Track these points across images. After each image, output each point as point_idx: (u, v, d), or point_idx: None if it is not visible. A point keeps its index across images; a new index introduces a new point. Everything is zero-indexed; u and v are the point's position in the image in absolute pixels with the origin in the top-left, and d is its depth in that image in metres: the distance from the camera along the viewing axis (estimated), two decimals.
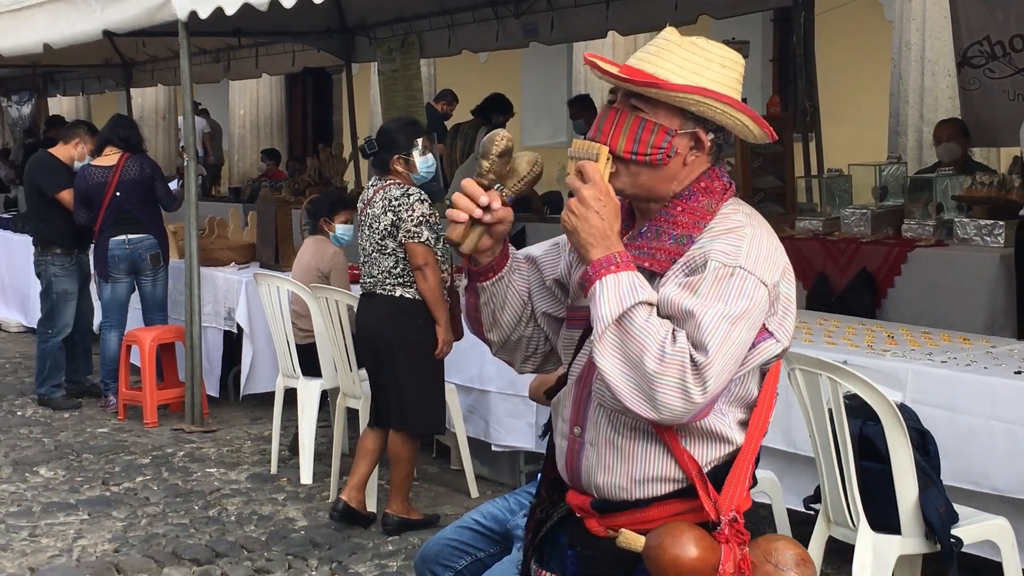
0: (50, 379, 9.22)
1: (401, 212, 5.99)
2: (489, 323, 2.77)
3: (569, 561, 2.71)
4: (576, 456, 2.65)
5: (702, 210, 2.58)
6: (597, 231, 2.46)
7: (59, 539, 6.22)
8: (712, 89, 2.54)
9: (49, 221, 9.21)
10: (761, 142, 2.70)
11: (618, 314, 2.39)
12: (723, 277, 2.44)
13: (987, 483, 4.65)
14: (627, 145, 2.55)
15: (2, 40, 10.15)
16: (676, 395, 2.36)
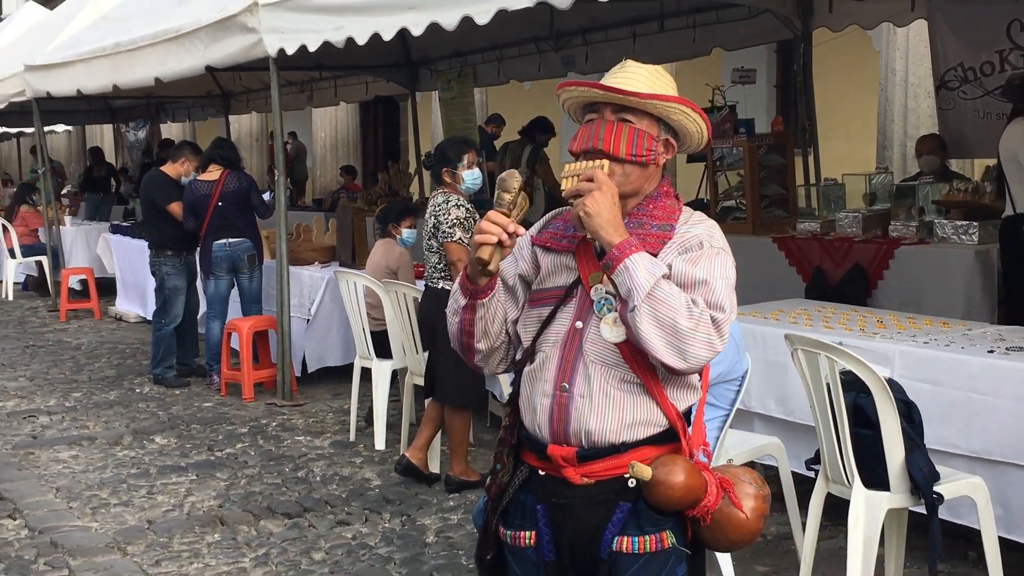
0: (163, 361, 9.29)
1: (440, 215, 6.06)
2: (480, 334, 2.81)
3: (540, 515, 2.74)
4: (564, 409, 2.69)
5: (670, 208, 2.75)
6: (614, 219, 2.59)
7: (172, 496, 6.27)
8: (687, 100, 2.71)
9: (162, 228, 9.26)
10: (700, 148, 2.84)
11: (650, 285, 2.51)
12: (715, 255, 2.64)
13: (965, 447, 4.62)
14: (627, 149, 2.68)
15: (121, 75, 10.24)
16: (703, 346, 2.53)
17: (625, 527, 2.65)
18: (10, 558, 5.36)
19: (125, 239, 12.75)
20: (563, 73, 11.49)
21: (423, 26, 6.29)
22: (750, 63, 11.25)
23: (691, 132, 2.75)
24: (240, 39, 8.08)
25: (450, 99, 12.38)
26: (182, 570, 5.17)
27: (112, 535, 5.64)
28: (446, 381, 6.10)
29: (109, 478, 6.63)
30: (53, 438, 7.60)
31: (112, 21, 11.47)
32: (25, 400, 8.80)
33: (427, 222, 6.16)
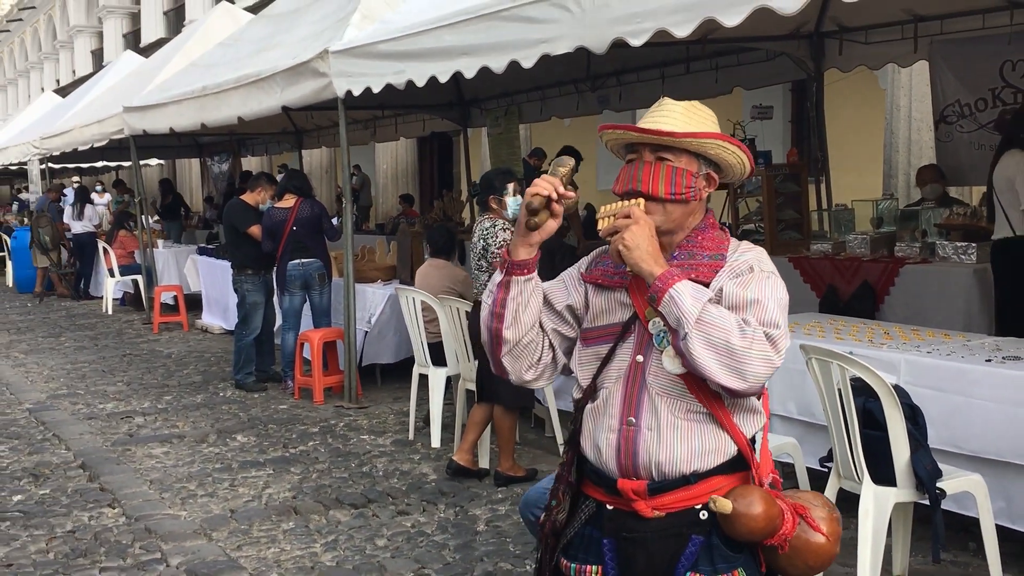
0: (244, 368, 9.35)
1: (489, 239, 6.07)
2: (511, 319, 2.58)
3: (607, 549, 2.52)
4: (632, 443, 2.49)
5: (718, 239, 2.57)
6: (652, 251, 2.42)
7: (251, 488, 6.30)
8: (724, 135, 2.54)
9: (243, 250, 9.34)
10: (743, 179, 2.69)
11: (698, 311, 2.33)
12: (766, 278, 2.45)
13: (966, 447, 4.56)
14: (666, 188, 2.50)
15: (208, 115, 10.36)
16: (761, 363, 2.33)
17: (698, 563, 2.44)
18: (110, 542, 5.41)
19: (210, 260, 12.87)
20: (599, 111, 11.50)
21: (475, 70, 6.31)
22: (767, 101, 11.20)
23: (732, 164, 2.57)
24: (312, 82, 8.15)
25: (497, 135, 12.41)
26: (260, 554, 5.19)
27: (199, 522, 5.67)
28: (499, 385, 6.09)
29: (196, 472, 6.67)
30: (147, 436, 7.66)
31: (200, 67, 11.61)
32: (123, 403, 8.88)
33: (476, 245, 6.17)
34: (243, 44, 10.85)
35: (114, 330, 13.46)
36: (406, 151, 20.58)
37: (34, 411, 8.61)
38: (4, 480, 6.59)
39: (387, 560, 5.06)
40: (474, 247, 6.21)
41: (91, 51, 41.13)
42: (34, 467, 6.88)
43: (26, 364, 10.97)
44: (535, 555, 2.79)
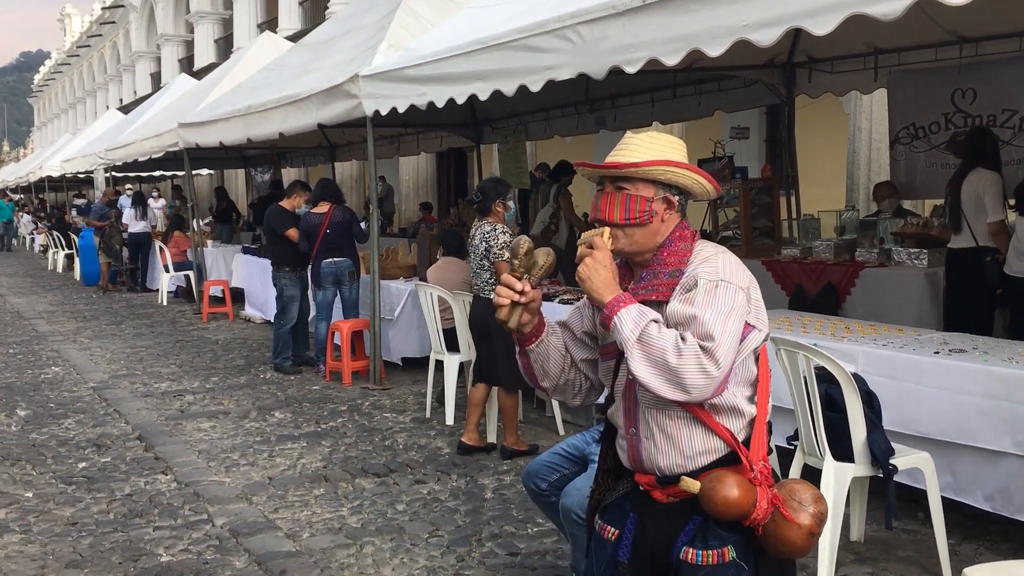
0: (281, 353, 9.35)
1: (490, 240, 6.06)
2: (541, 374, 2.62)
3: (629, 521, 2.55)
4: (636, 450, 2.51)
5: (682, 251, 2.49)
6: (604, 281, 2.38)
7: (287, 459, 6.31)
8: (670, 159, 2.48)
9: (281, 250, 9.34)
10: (711, 196, 2.58)
11: (638, 333, 2.29)
12: (711, 289, 2.35)
13: (915, 428, 4.56)
14: (621, 215, 2.47)
15: (253, 130, 10.36)
16: (698, 375, 2.25)
17: (693, 539, 2.43)
18: (163, 505, 5.43)
19: (253, 258, 12.87)
20: (596, 130, 11.49)
21: (488, 92, 6.31)
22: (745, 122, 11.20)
23: (689, 186, 2.51)
24: (344, 103, 8.15)
25: (507, 150, 12.40)
26: (295, 516, 5.20)
27: (241, 488, 5.69)
28: (499, 369, 6.10)
29: (239, 444, 6.68)
30: (196, 412, 7.67)
31: (246, 89, 11.62)
32: (175, 383, 8.89)
33: (478, 247, 6.15)
34: (284, 69, 10.85)
35: (168, 319, 13.48)
36: (426, 164, 20.57)
37: (98, 389, 8.63)
38: (71, 449, 6.61)
39: (405, 523, 5.07)
40: (476, 248, 6.18)
41: (150, 74, 41.20)
42: (97, 438, 6.90)
43: (91, 348, 10.99)
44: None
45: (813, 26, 3.94)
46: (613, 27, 5.03)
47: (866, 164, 10.56)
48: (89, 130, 27.67)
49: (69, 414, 7.66)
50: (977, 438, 4.35)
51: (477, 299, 6.29)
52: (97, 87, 52.33)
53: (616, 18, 4.99)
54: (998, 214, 6.38)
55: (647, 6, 4.77)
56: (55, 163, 26.09)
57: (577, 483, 3.83)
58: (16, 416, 7.62)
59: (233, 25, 30.08)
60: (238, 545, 4.80)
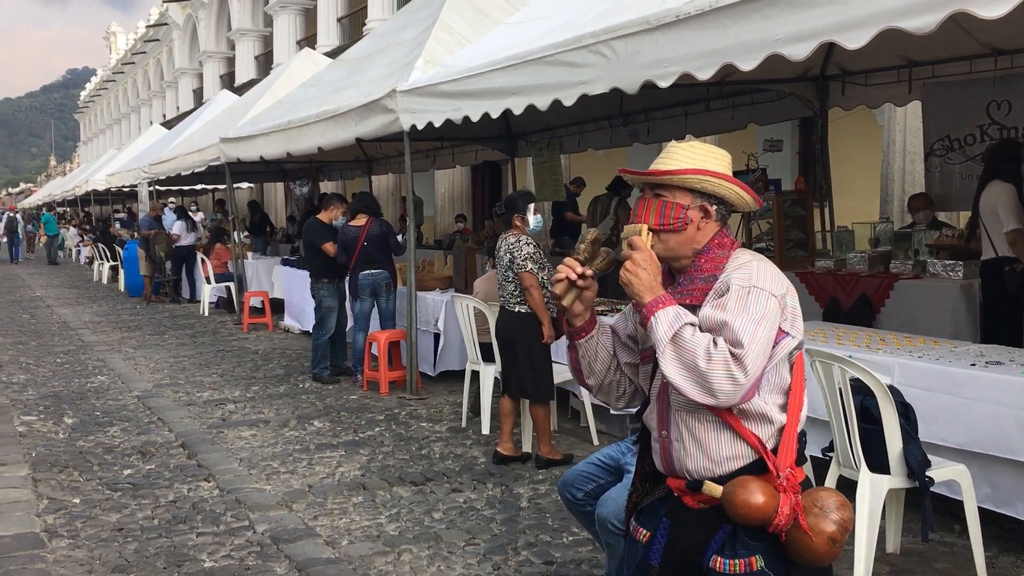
0: (320, 363, 9.42)
1: (514, 252, 6.08)
2: (587, 371, 2.67)
3: (662, 525, 2.55)
4: (668, 452, 2.52)
5: (719, 258, 2.49)
6: (645, 283, 2.40)
7: (326, 467, 6.35)
8: (708, 168, 2.49)
9: (319, 262, 9.42)
10: (751, 208, 2.58)
11: (671, 335, 2.31)
12: (743, 295, 2.36)
13: (952, 440, 4.51)
14: (656, 220, 2.50)
15: (292, 145, 10.43)
16: (726, 381, 2.26)
17: (723, 547, 2.42)
18: (205, 511, 5.49)
19: (292, 270, 12.97)
20: (630, 143, 11.47)
21: (522, 107, 6.33)
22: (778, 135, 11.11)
23: (727, 196, 2.51)
24: (382, 118, 8.18)
25: (541, 163, 12.40)
26: (334, 523, 5.24)
27: (281, 495, 5.74)
28: (526, 381, 6.12)
29: (279, 452, 6.73)
30: (237, 421, 7.74)
31: (286, 104, 11.73)
32: (217, 392, 8.98)
33: (503, 258, 6.18)
34: (323, 84, 10.94)
35: (210, 329, 13.63)
36: (461, 177, 20.64)
37: (142, 398, 8.74)
38: (116, 457, 6.71)
39: (442, 531, 5.09)
40: (501, 260, 6.22)
41: (193, 90, 41.75)
42: (142, 446, 6.99)
43: (135, 358, 11.14)
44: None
45: (846, 40, 3.92)
46: (646, 42, 5.03)
47: (900, 176, 10.46)
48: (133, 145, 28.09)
49: (115, 422, 7.77)
50: (1015, 450, 4.28)
51: (503, 310, 6.31)
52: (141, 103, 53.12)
53: (649, 33, 4.99)
54: (1011, 224, 6.34)
55: (680, 21, 4.78)
56: (100, 177, 26.50)
57: (612, 493, 3.82)
58: (64, 424, 7.74)
59: (273, 42, 30.42)
60: (279, 552, 4.84)
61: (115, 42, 68.16)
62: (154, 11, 49.54)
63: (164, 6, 43.55)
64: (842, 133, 10.84)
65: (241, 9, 33.08)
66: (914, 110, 9.45)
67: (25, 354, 11.57)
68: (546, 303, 6.11)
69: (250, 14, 32.96)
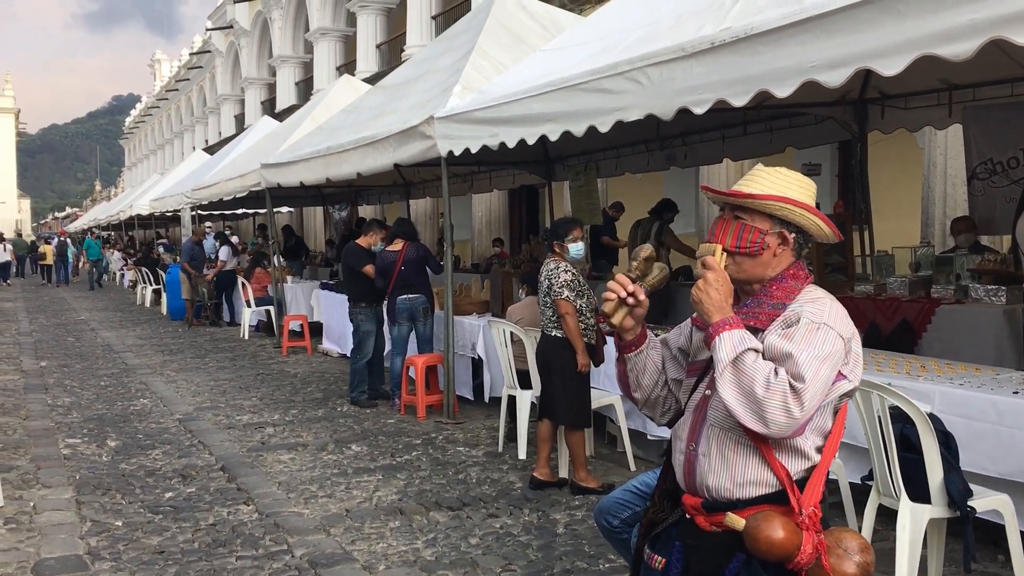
0: (358, 387, 9.49)
1: (552, 279, 6.11)
2: (634, 385, 2.70)
3: (675, 550, 2.54)
4: (692, 465, 2.52)
5: (792, 288, 2.50)
6: (715, 302, 2.41)
7: (363, 491, 6.38)
8: (792, 198, 2.49)
9: (358, 286, 9.51)
10: (830, 241, 2.59)
11: (733, 357, 2.31)
12: (812, 329, 2.35)
13: (994, 469, 4.44)
14: (732, 242, 2.51)
15: (332, 171, 10.53)
16: (780, 413, 2.25)
17: None
18: (244, 535, 5.54)
19: (331, 294, 13.11)
20: (667, 167, 11.46)
21: (558, 134, 6.37)
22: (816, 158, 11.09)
23: (806, 226, 2.52)
24: (420, 144, 8.26)
25: (578, 187, 12.42)
26: (371, 548, 5.26)
27: (319, 519, 5.77)
28: (561, 407, 6.13)
29: (317, 476, 6.78)
30: (276, 444, 7.81)
31: (325, 131, 11.89)
32: (256, 415, 9.07)
33: (542, 284, 6.23)
34: (362, 111, 11.08)
35: (249, 353, 13.77)
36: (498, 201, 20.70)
37: (183, 421, 8.85)
38: (158, 480, 6.79)
39: (479, 556, 5.09)
40: (540, 285, 6.27)
41: (235, 115, 42.41)
42: (183, 469, 7.08)
43: (177, 381, 11.29)
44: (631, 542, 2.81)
45: (882, 67, 3.92)
46: (681, 69, 5.05)
47: (941, 200, 10.35)
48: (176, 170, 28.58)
49: (156, 445, 7.88)
50: None
51: (543, 335, 6.34)
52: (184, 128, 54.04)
53: (684, 60, 5.02)
54: None
55: (714, 48, 4.79)
56: (144, 202, 27.00)
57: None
58: (107, 446, 7.86)
59: (313, 68, 30.84)
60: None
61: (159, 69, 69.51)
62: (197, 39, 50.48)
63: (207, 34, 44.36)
64: (882, 156, 10.77)
65: (282, 36, 33.61)
66: (955, 133, 9.36)
67: (70, 377, 11.77)
68: (582, 331, 6.12)
69: (291, 41, 33.47)
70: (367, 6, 26.60)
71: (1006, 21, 3.43)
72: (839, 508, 4.88)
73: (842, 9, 4.05)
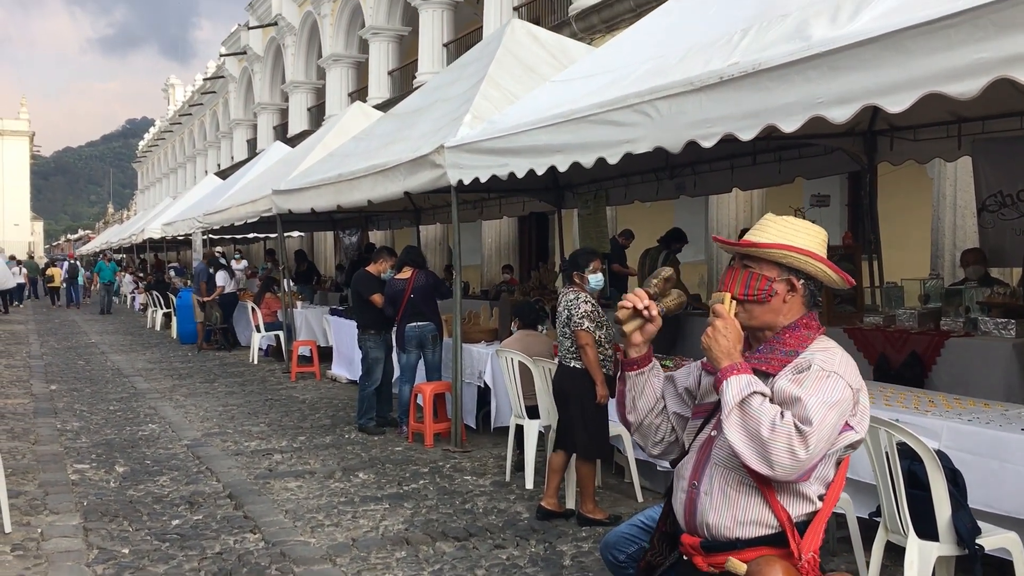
0: (366, 414, 9.49)
1: (572, 309, 6.11)
2: (630, 406, 2.75)
3: None
4: (693, 503, 2.56)
5: (804, 337, 2.55)
6: (724, 349, 2.47)
7: (370, 520, 6.36)
8: (796, 246, 2.54)
9: (367, 313, 9.54)
10: (840, 287, 2.62)
11: (740, 400, 2.36)
12: (823, 377, 2.40)
13: (1002, 507, 4.41)
14: (741, 290, 2.58)
15: (343, 198, 10.54)
16: (785, 455, 2.30)
17: None
18: (251, 564, 5.52)
19: (340, 319, 13.14)
20: (676, 196, 11.50)
21: (567, 165, 6.39)
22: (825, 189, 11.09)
23: (813, 272, 2.58)
24: (430, 173, 8.30)
25: (587, 215, 12.46)
26: None
27: (326, 549, 5.76)
28: (577, 437, 6.11)
29: (324, 504, 6.76)
30: (284, 471, 7.80)
31: (336, 157, 11.97)
32: (264, 441, 9.07)
33: (561, 314, 6.23)
34: (373, 138, 11.15)
35: (259, 377, 13.79)
36: (508, 227, 20.79)
37: (191, 447, 8.86)
38: (165, 506, 6.79)
39: None
40: (560, 315, 6.27)
41: (247, 140, 42.72)
42: (190, 496, 7.08)
43: (185, 406, 11.31)
44: None
45: (888, 104, 3.94)
46: (690, 103, 5.09)
47: (951, 230, 10.34)
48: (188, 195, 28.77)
49: (164, 471, 7.88)
50: None
51: (559, 366, 6.34)
52: (197, 152, 54.44)
53: (693, 94, 5.05)
54: None
55: (723, 83, 4.83)
56: (156, 226, 27.16)
57: None
58: (115, 472, 7.87)
59: (325, 94, 31.09)
60: None
61: (173, 94, 70.13)
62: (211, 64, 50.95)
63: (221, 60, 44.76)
64: (892, 185, 10.77)
65: (295, 63, 33.90)
66: (964, 164, 9.38)
67: (80, 401, 11.81)
68: (601, 362, 6.12)
69: (303, 67, 33.76)
70: (379, 33, 26.84)
71: (1012, 60, 3.45)
72: (847, 543, 4.86)
73: (849, 46, 4.08)
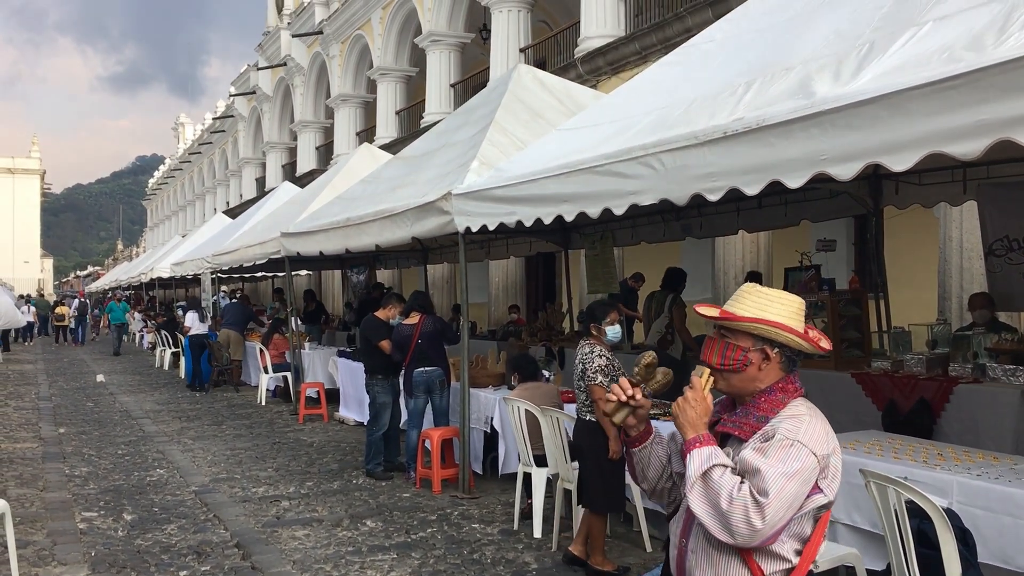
0: (374, 459, 9.48)
1: (587, 363, 6.12)
2: (641, 476, 2.86)
3: None
4: (683, 560, 2.68)
5: (777, 402, 2.64)
6: (690, 420, 2.60)
7: (378, 571, 6.33)
8: (768, 319, 2.64)
9: (375, 358, 9.56)
10: (814, 354, 2.72)
11: (702, 472, 2.49)
12: (785, 446, 2.50)
13: (1013, 563, 4.37)
14: (718, 360, 2.69)
15: (351, 241, 10.57)
16: (743, 525, 2.42)
17: None
18: None
19: (348, 361, 13.16)
20: (682, 237, 11.53)
21: (574, 214, 6.44)
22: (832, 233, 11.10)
23: (785, 342, 2.67)
24: (437, 219, 8.35)
25: (594, 256, 12.48)
26: None
27: None
28: (596, 492, 6.11)
29: (331, 554, 6.74)
30: (291, 519, 7.78)
31: (345, 200, 12.04)
32: (272, 487, 9.05)
33: (576, 367, 6.24)
34: (380, 182, 11.23)
35: (266, 420, 13.78)
36: (515, 267, 20.82)
37: (199, 493, 8.85)
38: (173, 557, 6.77)
39: None
40: (575, 368, 6.27)
41: (256, 178, 42.99)
42: (198, 545, 7.06)
43: (193, 449, 11.30)
44: None
45: (891, 163, 3.98)
46: (694, 156, 5.13)
47: (958, 273, 10.33)
48: (198, 233, 28.92)
49: (172, 519, 7.87)
50: None
51: (577, 419, 6.35)
52: (206, 190, 54.78)
53: (697, 148, 5.10)
54: None
55: (727, 138, 4.87)
56: (165, 265, 27.28)
57: None
58: (123, 520, 7.86)
59: (334, 133, 31.33)
60: None
61: (183, 132, 70.72)
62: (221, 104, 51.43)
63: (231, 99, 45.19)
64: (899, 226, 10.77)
65: (304, 102, 34.20)
66: (971, 207, 9.39)
67: (88, 445, 11.81)
68: None
69: (312, 107, 34.05)
70: (387, 74, 27.09)
71: (1014, 123, 3.49)
72: None
73: (852, 105, 4.12)
